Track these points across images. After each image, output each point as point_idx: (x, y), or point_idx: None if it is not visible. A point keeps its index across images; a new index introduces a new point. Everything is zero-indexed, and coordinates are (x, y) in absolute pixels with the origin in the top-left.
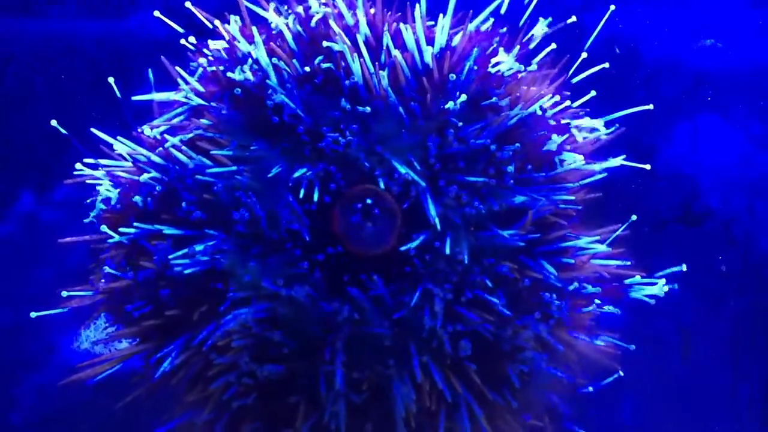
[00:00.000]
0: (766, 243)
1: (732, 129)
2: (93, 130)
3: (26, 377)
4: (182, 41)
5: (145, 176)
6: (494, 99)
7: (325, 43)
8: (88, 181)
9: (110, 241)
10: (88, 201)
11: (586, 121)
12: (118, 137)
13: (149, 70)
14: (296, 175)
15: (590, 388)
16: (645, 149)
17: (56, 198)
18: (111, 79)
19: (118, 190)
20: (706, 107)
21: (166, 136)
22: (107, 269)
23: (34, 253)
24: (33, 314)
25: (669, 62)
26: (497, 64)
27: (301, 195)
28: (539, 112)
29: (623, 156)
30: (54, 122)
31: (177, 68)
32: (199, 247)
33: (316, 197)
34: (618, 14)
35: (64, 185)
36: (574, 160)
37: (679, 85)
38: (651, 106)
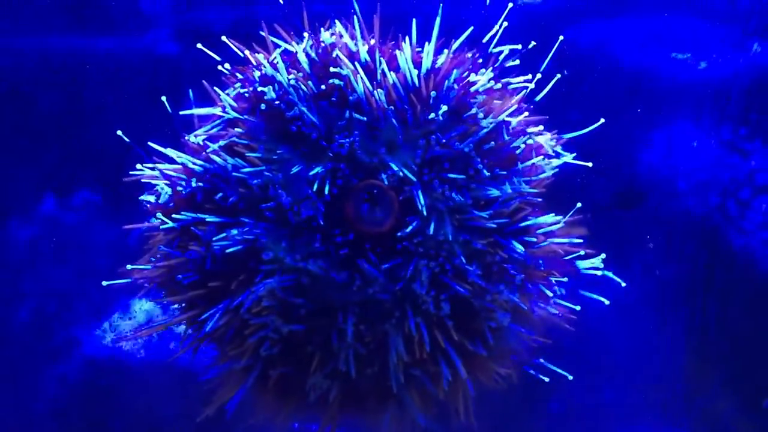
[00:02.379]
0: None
1: (679, 133)
2: (150, 143)
3: (48, 369)
4: (219, 67)
5: (191, 176)
6: (472, 111)
7: (332, 69)
8: (143, 180)
9: (163, 227)
10: (141, 197)
11: (546, 140)
12: (168, 148)
13: (189, 90)
14: (312, 172)
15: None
16: (605, 149)
17: (75, 202)
18: (164, 98)
19: (169, 186)
20: (676, 114)
21: (208, 143)
22: (163, 249)
23: (54, 253)
24: (105, 282)
25: (644, 72)
26: (474, 82)
27: (315, 188)
28: (512, 121)
29: (573, 154)
30: (119, 132)
31: (215, 88)
32: (234, 231)
33: (327, 190)
34: (597, 28)
35: (82, 191)
36: (534, 159)
37: (652, 93)
38: (602, 120)
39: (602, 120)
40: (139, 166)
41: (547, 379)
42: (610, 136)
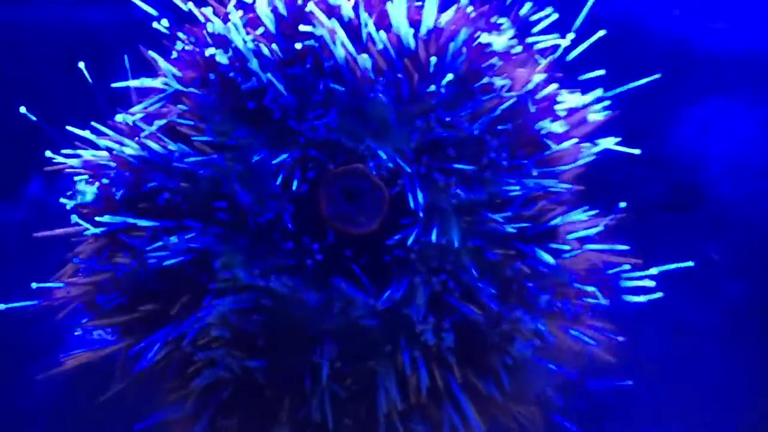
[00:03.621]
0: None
1: (741, 112)
2: (69, 127)
3: (35, 363)
4: (155, 24)
5: (122, 166)
6: (485, 80)
7: (302, 27)
8: (66, 171)
9: (86, 233)
10: (67, 193)
11: (579, 102)
12: (93, 123)
13: (125, 56)
14: (276, 161)
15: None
16: (647, 132)
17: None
18: (81, 64)
19: (95, 180)
20: (714, 90)
21: (141, 124)
22: (79, 262)
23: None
24: (1, 306)
25: (679, 44)
26: (489, 44)
27: (280, 181)
28: (537, 94)
29: (618, 139)
30: (23, 109)
31: (151, 53)
32: (174, 239)
33: (296, 184)
34: None
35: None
36: (565, 142)
37: (687, 67)
38: (654, 77)
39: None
40: (48, 153)
41: None
42: (657, 120)
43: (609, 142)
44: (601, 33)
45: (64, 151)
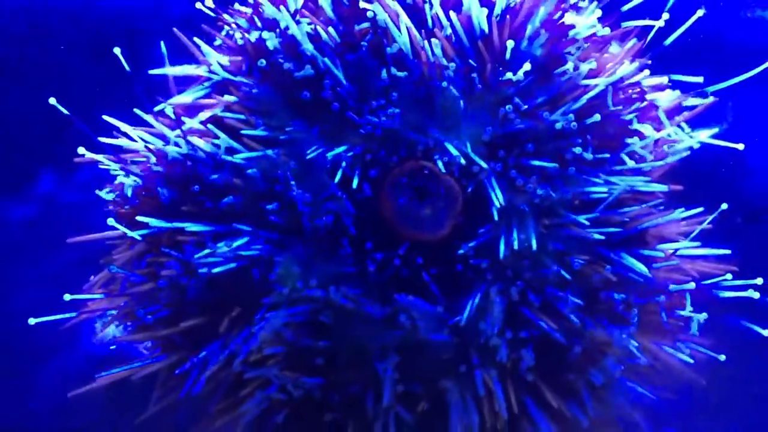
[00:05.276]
0: None
1: None
2: (106, 117)
3: (47, 362)
4: (197, 5)
5: (164, 164)
6: (567, 66)
7: (363, 4)
8: (101, 166)
9: (129, 234)
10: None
11: (670, 94)
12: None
13: (161, 42)
14: (332, 153)
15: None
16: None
17: (78, 179)
18: (117, 50)
19: (133, 178)
20: None
21: (184, 119)
22: (118, 270)
23: (53, 235)
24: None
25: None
26: (572, 26)
27: (338, 179)
28: (626, 82)
29: (716, 129)
30: (52, 100)
31: (195, 39)
32: (222, 245)
33: (356, 182)
34: None
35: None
36: (656, 135)
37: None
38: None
39: None
40: (81, 150)
41: None
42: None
43: (707, 135)
44: (700, 13)
45: (102, 140)
